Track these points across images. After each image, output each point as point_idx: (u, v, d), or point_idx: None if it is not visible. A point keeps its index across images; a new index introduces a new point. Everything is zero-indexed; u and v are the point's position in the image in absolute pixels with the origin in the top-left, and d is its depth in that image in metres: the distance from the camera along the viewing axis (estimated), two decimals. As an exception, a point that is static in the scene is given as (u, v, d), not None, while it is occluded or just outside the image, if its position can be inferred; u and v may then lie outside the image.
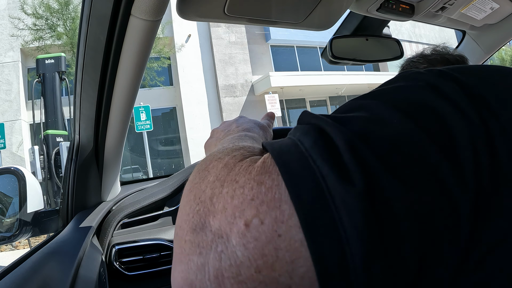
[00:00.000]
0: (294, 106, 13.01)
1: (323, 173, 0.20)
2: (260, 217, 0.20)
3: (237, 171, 0.24)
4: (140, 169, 10.90)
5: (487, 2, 0.92)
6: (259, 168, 0.23)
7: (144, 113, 8.06)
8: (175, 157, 11.52)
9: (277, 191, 0.21)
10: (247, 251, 0.20)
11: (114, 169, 0.91)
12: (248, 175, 0.23)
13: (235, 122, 0.54)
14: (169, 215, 0.97)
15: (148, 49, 0.58)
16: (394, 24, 1.05)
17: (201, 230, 0.23)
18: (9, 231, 0.82)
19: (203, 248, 0.22)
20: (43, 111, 3.33)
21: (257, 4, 0.55)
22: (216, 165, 0.26)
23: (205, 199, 0.24)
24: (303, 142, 0.22)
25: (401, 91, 0.25)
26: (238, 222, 0.21)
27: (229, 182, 0.23)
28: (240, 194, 0.22)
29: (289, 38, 12.57)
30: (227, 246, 0.21)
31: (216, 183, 0.24)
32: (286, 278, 0.19)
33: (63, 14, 8.66)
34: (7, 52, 9.96)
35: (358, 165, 0.20)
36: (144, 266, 0.85)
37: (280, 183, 0.21)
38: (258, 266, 0.20)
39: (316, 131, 0.23)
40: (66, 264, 0.55)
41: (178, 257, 0.24)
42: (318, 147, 0.21)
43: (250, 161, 0.25)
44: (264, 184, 0.21)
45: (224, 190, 0.23)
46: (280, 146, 0.23)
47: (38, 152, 3.30)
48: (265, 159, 0.23)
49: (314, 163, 0.21)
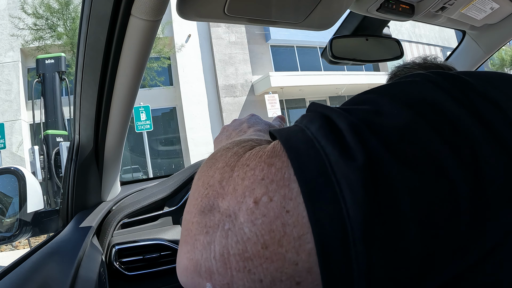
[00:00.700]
0: (294, 106, 13.01)
1: (326, 152, 0.21)
2: (269, 195, 0.21)
3: (248, 156, 0.25)
4: (140, 169, 10.90)
5: (487, 2, 0.92)
6: (269, 152, 0.24)
7: (144, 113, 8.06)
8: (175, 157, 11.52)
9: (286, 171, 0.21)
10: (254, 227, 0.21)
11: (114, 169, 0.91)
12: (258, 158, 0.24)
13: (247, 121, 0.53)
14: (169, 215, 0.97)
15: (148, 49, 0.58)
16: (394, 24, 1.05)
17: (209, 211, 0.23)
18: (9, 231, 0.83)
19: (210, 227, 0.23)
20: (43, 111, 3.33)
21: (257, 4, 0.55)
22: (224, 154, 0.27)
23: (214, 183, 0.25)
24: (309, 128, 0.23)
25: (402, 86, 0.26)
26: (247, 200, 0.22)
27: (240, 166, 0.24)
28: (250, 176, 0.23)
29: (289, 38, 12.56)
30: (234, 224, 0.21)
31: (225, 168, 0.25)
32: (293, 254, 0.20)
33: (63, 14, 8.66)
34: (7, 52, 9.96)
35: (360, 144, 0.21)
36: (144, 266, 0.85)
37: (289, 164, 0.22)
38: (265, 241, 0.20)
39: (321, 117, 0.24)
40: (66, 264, 0.55)
41: (184, 239, 0.24)
42: (323, 130, 0.22)
43: (259, 148, 0.25)
44: (274, 165, 0.22)
45: (235, 174, 0.24)
46: (288, 132, 0.24)
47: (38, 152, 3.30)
48: (274, 144, 0.24)
49: (319, 143, 0.21)
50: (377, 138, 0.21)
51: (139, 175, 10.75)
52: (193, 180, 0.29)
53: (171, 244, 0.88)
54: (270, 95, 10.52)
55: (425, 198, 0.20)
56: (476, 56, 1.15)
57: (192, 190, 0.27)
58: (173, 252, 0.88)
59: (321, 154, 0.21)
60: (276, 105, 10.42)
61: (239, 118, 0.56)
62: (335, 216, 0.19)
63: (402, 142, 0.21)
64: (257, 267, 0.20)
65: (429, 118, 0.22)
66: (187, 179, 0.98)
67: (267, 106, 10.28)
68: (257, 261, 0.20)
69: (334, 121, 0.23)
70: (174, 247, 0.88)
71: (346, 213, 0.19)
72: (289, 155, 0.22)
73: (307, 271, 0.20)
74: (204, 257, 0.22)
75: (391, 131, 0.21)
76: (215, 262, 0.21)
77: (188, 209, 0.26)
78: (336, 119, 0.23)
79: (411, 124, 0.22)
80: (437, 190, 0.20)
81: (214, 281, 0.21)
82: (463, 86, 0.24)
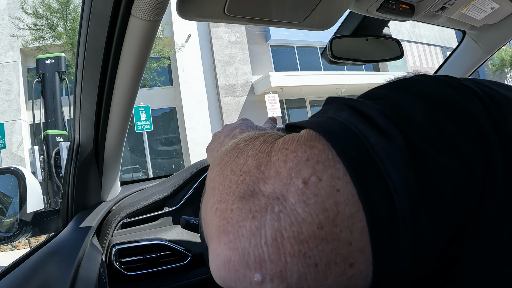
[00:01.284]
0: (294, 106, 13.01)
1: (365, 134, 0.21)
2: (317, 175, 0.21)
3: (283, 142, 0.24)
4: (140, 169, 10.89)
5: (487, 2, 0.92)
6: (306, 136, 0.23)
7: (144, 113, 8.05)
8: (175, 157, 11.51)
9: (329, 153, 0.22)
10: (308, 207, 0.20)
11: (114, 169, 0.91)
12: (297, 142, 0.23)
13: (239, 126, 0.52)
14: (169, 215, 0.97)
15: (148, 49, 0.58)
16: (394, 24, 1.05)
17: (251, 196, 0.22)
18: (9, 231, 0.82)
19: (257, 212, 0.21)
20: (43, 111, 3.33)
21: (257, 4, 0.55)
22: (251, 143, 0.27)
23: (250, 169, 0.24)
24: (339, 116, 0.24)
25: (409, 81, 0.27)
26: (295, 181, 0.21)
27: (278, 151, 0.24)
28: (293, 157, 0.22)
29: (289, 38, 12.56)
30: (285, 205, 0.21)
31: (260, 154, 0.25)
32: (347, 233, 0.20)
33: (63, 14, 8.65)
34: (7, 52, 9.95)
35: (395, 127, 0.22)
36: (144, 266, 0.85)
37: (330, 146, 0.22)
38: (320, 221, 0.20)
39: (348, 107, 0.24)
40: (66, 264, 0.55)
41: (223, 229, 0.22)
42: (355, 116, 0.23)
43: (291, 136, 0.25)
44: (316, 147, 0.22)
45: (274, 158, 0.23)
46: (316, 121, 0.24)
47: (38, 152, 3.30)
48: (308, 131, 0.24)
49: (356, 127, 0.22)
50: (405, 123, 0.22)
51: (139, 175, 10.75)
52: (211, 174, 0.28)
53: (171, 244, 0.88)
54: (270, 95, 10.52)
55: (452, 173, 0.21)
56: (476, 56, 1.15)
57: (218, 181, 0.26)
58: (173, 252, 0.88)
59: (360, 136, 0.21)
60: (276, 105, 10.42)
61: (230, 124, 0.55)
62: (384, 193, 0.20)
63: (424, 127, 0.22)
64: (313, 249, 0.20)
65: (441, 108, 0.23)
66: (187, 179, 0.98)
67: (267, 106, 10.28)
68: (313, 243, 0.20)
69: (361, 110, 0.23)
70: (174, 247, 0.88)
71: (394, 189, 0.20)
72: (328, 138, 0.22)
73: (360, 251, 0.20)
74: (253, 244, 0.20)
75: (413, 118, 0.22)
76: (266, 248, 0.20)
77: (219, 199, 0.24)
78: (362, 108, 0.24)
79: (428, 112, 0.23)
80: (458, 165, 0.21)
81: (265, 270, 0.20)
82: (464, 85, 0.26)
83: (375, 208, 0.20)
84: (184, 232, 0.92)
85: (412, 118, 0.22)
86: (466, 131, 0.22)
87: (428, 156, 0.21)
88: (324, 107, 0.27)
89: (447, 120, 0.23)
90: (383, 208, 0.20)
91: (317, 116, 0.26)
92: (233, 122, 0.55)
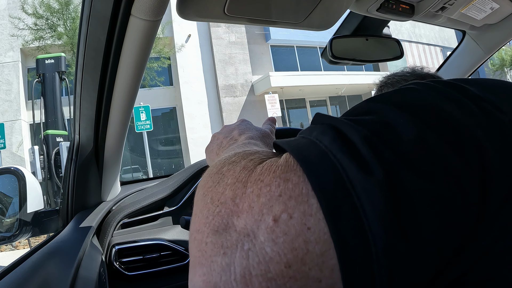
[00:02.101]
0: (294, 106, 13.01)
1: (343, 165, 0.21)
2: (288, 212, 0.21)
3: (260, 171, 0.24)
4: (140, 169, 10.89)
5: (487, 2, 0.92)
6: (283, 166, 0.23)
7: (144, 113, 8.06)
8: (175, 157, 11.51)
9: (303, 187, 0.21)
10: (276, 246, 0.20)
11: (114, 169, 0.91)
12: (273, 173, 0.23)
13: (237, 127, 0.52)
14: (169, 215, 0.97)
15: (148, 49, 0.58)
16: (394, 24, 1.05)
17: (224, 231, 0.23)
18: (9, 231, 0.82)
19: (228, 248, 0.22)
20: (43, 111, 3.33)
21: (257, 4, 0.55)
22: (232, 168, 0.27)
23: (226, 200, 0.24)
24: (322, 140, 0.23)
25: (404, 93, 0.26)
26: (266, 218, 0.21)
27: (253, 182, 0.23)
28: (267, 192, 0.22)
29: (289, 38, 12.56)
30: (254, 243, 0.21)
31: (237, 184, 0.24)
32: (316, 271, 0.19)
33: (63, 14, 8.65)
34: (7, 52, 9.96)
35: (376, 158, 0.21)
36: (144, 266, 0.85)
37: (305, 179, 0.21)
38: (288, 260, 0.20)
39: (332, 130, 0.24)
40: (66, 264, 0.55)
41: (198, 261, 0.23)
42: (337, 143, 0.22)
43: (270, 162, 0.25)
44: (291, 180, 0.22)
45: (249, 190, 0.23)
46: (298, 145, 0.24)
47: (38, 152, 3.30)
48: (286, 158, 0.24)
49: (335, 157, 0.21)
50: (390, 150, 0.21)
51: (139, 175, 10.75)
52: (197, 194, 0.28)
53: (171, 244, 0.88)
54: (270, 95, 10.52)
55: (441, 208, 0.20)
56: (476, 56, 1.15)
57: (199, 207, 0.26)
58: (173, 252, 0.88)
59: (338, 168, 0.21)
60: (276, 105, 10.42)
61: (229, 125, 0.55)
62: (357, 230, 0.19)
63: (414, 153, 0.21)
64: (281, 286, 0.20)
65: (435, 126, 0.22)
66: (187, 179, 0.98)
67: (267, 106, 10.28)
68: (281, 281, 0.20)
69: (346, 134, 0.23)
70: (174, 247, 0.88)
71: (368, 227, 0.19)
72: (304, 169, 0.21)
73: None
74: (224, 279, 0.21)
75: (402, 143, 0.21)
76: (236, 284, 0.20)
77: (197, 228, 0.25)
78: (347, 132, 0.23)
79: (420, 133, 0.22)
80: (452, 199, 0.20)
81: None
82: (463, 92, 0.25)
83: (347, 247, 0.19)
84: (184, 232, 0.92)
85: (401, 142, 0.21)
86: (462, 154, 0.21)
87: (413, 189, 0.20)
88: (311, 125, 0.27)
89: (441, 142, 0.22)
90: (355, 247, 0.19)
91: (302, 135, 0.26)
92: (232, 123, 0.55)
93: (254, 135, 0.49)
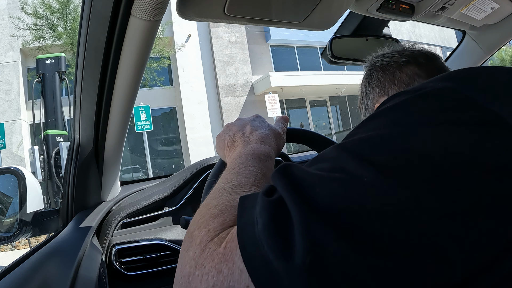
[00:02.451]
0: (294, 106, 13.00)
1: (270, 257, 0.23)
2: None
3: (206, 254, 0.27)
4: (140, 169, 10.89)
5: (487, 2, 0.92)
6: (221, 255, 0.26)
7: (144, 113, 8.05)
8: (175, 157, 11.51)
9: (230, 280, 0.24)
10: None
11: (114, 169, 0.91)
12: (211, 262, 0.26)
13: (251, 123, 0.53)
14: (169, 215, 0.97)
15: (148, 49, 0.58)
16: (394, 24, 1.05)
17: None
18: (9, 231, 0.82)
19: None
20: (43, 111, 3.32)
21: (257, 4, 0.55)
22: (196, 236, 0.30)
23: (183, 275, 0.28)
24: (259, 222, 0.25)
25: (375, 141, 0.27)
26: None
27: (199, 266, 0.27)
28: (205, 280, 0.26)
29: (289, 38, 12.56)
30: None
31: (192, 262, 0.28)
32: None
33: (63, 14, 8.65)
34: (7, 52, 9.95)
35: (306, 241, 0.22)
36: (144, 266, 0.85)
37: (234, 271, 0.24)
38: None
39: (274, 206, 0.25)
40: (66, 264, 0.55)
41: None
42: (268, 229, 0.24)
43: (217, 243, 0.28)
44: (222, 273, 0.25)
45: (197, 272, 0.27)
46: (244, 225, 0.26)
47: (38, 152, 3.30)
48: (227, 243, 0.27)
49: (263, 248, 0.23)
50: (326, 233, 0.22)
51: (139, 175, 10.74)
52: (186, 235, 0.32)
53: (171, 244, 0.88)
54: (270, 95, 10.51)
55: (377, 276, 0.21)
56: (476, 56, 1.15)
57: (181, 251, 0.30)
58: (173, 252, 0.88)
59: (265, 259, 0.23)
60: (276, 105, 10.41)
61: (244, 118, 0.57)
62: None
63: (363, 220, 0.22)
64: None
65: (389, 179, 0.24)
66: (187, 179, 0.98)
67: (267, 106, 10.27)
68: None
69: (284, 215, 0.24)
70: (174, 247, 0.88)
71: None
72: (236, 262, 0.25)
73: None
74: None
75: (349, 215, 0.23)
76: None
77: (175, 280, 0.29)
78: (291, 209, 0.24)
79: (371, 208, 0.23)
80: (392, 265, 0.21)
81: None
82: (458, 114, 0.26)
83: None
84: (184, 232, 0.92)
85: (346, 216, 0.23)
86: None
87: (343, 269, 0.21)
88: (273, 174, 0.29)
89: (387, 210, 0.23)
90: None
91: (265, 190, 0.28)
92: (247, 117, 0.57)
93: (265, 134, 0.50)
